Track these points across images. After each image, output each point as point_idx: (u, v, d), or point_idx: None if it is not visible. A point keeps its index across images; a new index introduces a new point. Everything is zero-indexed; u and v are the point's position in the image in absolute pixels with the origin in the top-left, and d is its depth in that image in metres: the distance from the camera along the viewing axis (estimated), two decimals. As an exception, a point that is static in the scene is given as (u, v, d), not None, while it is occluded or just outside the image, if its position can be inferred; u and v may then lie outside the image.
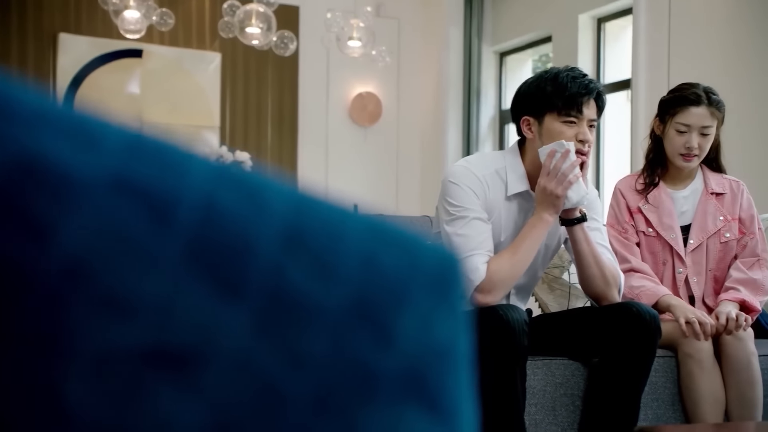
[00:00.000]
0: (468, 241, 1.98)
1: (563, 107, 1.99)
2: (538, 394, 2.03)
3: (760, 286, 2.31)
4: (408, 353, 0.37)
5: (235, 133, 6.08)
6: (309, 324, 0.34)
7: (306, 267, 0.35)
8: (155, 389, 0.30)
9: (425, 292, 0.38)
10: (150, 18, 4.44)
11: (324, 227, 0.36)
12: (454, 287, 0.39)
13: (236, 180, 0.35)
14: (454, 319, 0.39)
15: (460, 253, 1.97)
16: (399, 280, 0.37)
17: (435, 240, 0.46)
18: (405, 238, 0.39)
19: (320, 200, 0.37)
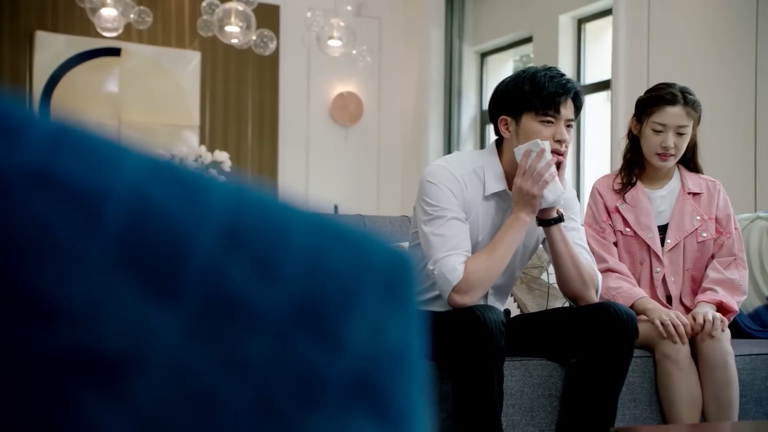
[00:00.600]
0: (445, 241, 1.96)
1: (541, 107, 1.99)
2: (516, 395, 2.02)
3: (737, 287, 2.32)
4: (357, 357, 0.35)
5: (215, 133, 6.04)
6: (249, 327, 0.32)
7: (246, 267, 0.33)
8: (78, 398, 0.28)
9: (376, 293, 0.36)
10: (128, 16, 4.39)
11: (267, 225, 0.34)
12: (406, 288, 0.37)
13: (172, 175, 0.33)
14: (407, 321, 0.38)
15: (438, 253, 1.97)
16: (347, 280, 0.35)
17: (388, 239, 0.44)
18: (354, 236, 0.37)
19: (264, 196, 0.35)
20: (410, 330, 0.38)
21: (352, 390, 0.35)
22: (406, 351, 0.37)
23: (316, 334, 0.34)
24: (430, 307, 2.09)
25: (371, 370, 0.36)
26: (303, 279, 0.34)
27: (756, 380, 2.27)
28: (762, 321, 2.67)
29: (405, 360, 0.37)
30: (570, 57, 5.43)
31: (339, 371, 0.34)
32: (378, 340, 0.36)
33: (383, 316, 0.37)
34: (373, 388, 0.35)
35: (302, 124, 6.32)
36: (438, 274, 1.95)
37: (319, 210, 0.37)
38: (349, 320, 0.35)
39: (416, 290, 0.39)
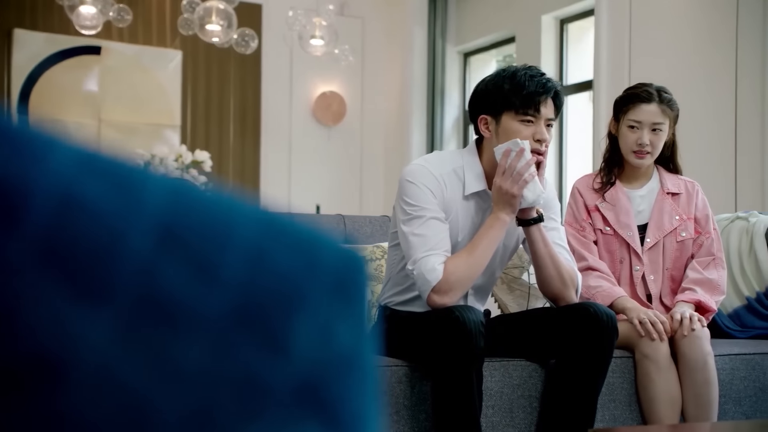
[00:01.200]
0: (425, 241, 1.95)
1: (521, 106, 1.97)
2: (495, 396, 2.01)
3: (716, 286, 2.32)
4: (304, 362, 0.33)
5: (197, 133, 6.00)
6: (185, 332, 0.30)
7: (183, 267, 0.31)
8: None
9: (325, 295, 0.34)
10: (107, 14, 4.34)
11: (207, 222, 0.32)
12: (357, 289, 0.35)
13: (104, 169, 0.31)
14: (357, 324, 0.36)
15: (417, 254, 1.95)
16: (293, 281, 0.34)
17: (339, 238, 0.42)
18: (302, 235, 0.35)
19: (204, 192, 0.33)
20: (361, 333, 0.36)
21: (298, 397, 0.33)
22: (357, 355, 0.35)
23: (259, 339, 0.32)
24: (409, 307, 2.08)
25: (319, 375, 0.34)
26: (245, 280, 0.32)
27: (735, 380, 2.27)
28: (741, 321, 2.68)
29: (355, 364, 0.35)
30: (552, 57, 5.43)
31: (284, 377, 0.33)
32: (326, 343, 0.34)
33: (332, 318, 0.35)
34: (321, 395, 0.33)
35: (285, 123, 6.29)
36: (417, 274, 1.93)
37: (265, 206, 0.35)
38: (294, 323, 0.33)
39: (367, 291, 0.37)
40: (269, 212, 0.34)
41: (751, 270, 2.75)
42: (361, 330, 0.36)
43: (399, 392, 1.93)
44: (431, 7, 6.28)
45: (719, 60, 4.14)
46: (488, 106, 2.02)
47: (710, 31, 4.20)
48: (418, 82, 6.30)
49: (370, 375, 0.36)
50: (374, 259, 2.52)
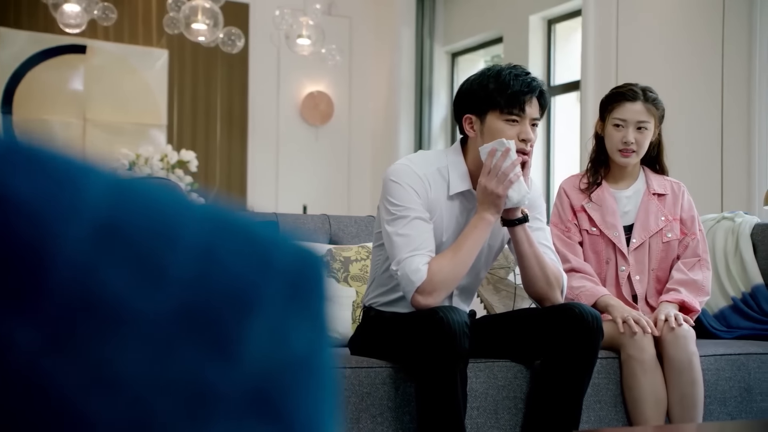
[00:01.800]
0: (409, 241, 1.93)
1: (505, 105, 1.96)
2: (480, 397, 2.00)
3: (701, 287, 2.32)
4: (255, 368, 0.31)
5: (183, 132, 5.96)
6: (125, 336, 0.29)
7: (125, 268, 0.29)
8: None
9: (278, 296, 0.33)
10: (91, 12, 4.30)
11: (152, 221, 0.31)
12: (313, 290, 0.34)
13: (39, 163, 0.29)
14: (314, 327, 0.34)
15: (401, 254, 1.94)
16: (245, 283, 0.32)
17: (297, 236, 0.41)
18: (256, 234, 0.33)
19: (151, 188, 0.31)
20: (317, 336, 0.34)
21: (248, 403, 0.31)
22: (313, 359, 0.34)
23: (206, 342, 0.31)
24: (394, 308, 2.06)
25: (271, 380, 0.32)
26: (193, 281, 0.31)
27: (720, 381, 2.26)
28: (727, 321, 2.68)
29: (311, 368, 0.34)
30: (540, 57, 5.43)
31: (233, 383, 0.31)
32: (280, 347, 0.32)
33: (286, 321, 0.33)
34: (273, 401, 0.32)
35: (272, 123, 6.26)
36: (401, 274, 1.92)
37: (217, 204, 0.33)
38: (246, 326, 0.32)
39: (325, 292, 0.35)
40: (220, 210, 0.33)
41: (736, 270, 2.75)
42: (318, 333, 0.34)
43: (383, 393, 1.91)
44: (419, 7, 6.27)
45: (706, 60, 4.15)
46: (473, 106, 2.01)
47: (697, 32, 4.21)
48: (405, 82, 6.29)
49: (327, 379, 0.34)
50: (359, 260, 2.51)
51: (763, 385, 2.32)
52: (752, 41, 3.90)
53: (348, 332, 2.34)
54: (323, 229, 2.61)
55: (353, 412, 1.88)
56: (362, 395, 1.89)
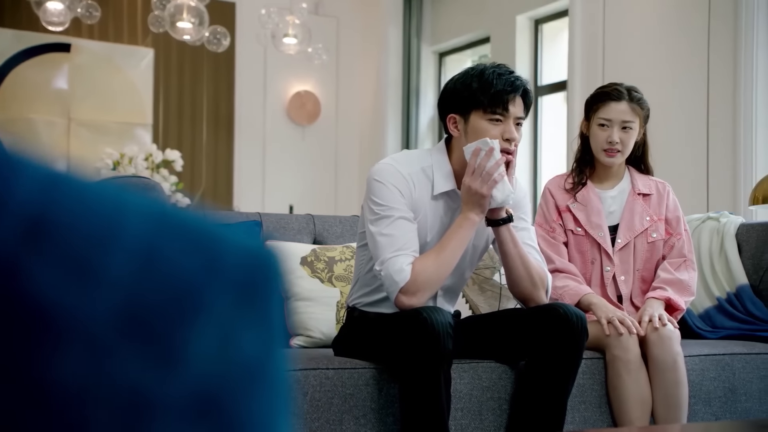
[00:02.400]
0: (393, 241, 1.91)
1: (489, 105, 1.95)
2: (464, 398, 1.98)
3: (686, 287, 2.32)
4: (200, 376, 0.30)
5: (169, 132, 5.92)
6: (54, 342, 0.27)
7: (57, 269, 0.27)
8: None
9: (227, 299, 0.31)
10: (74, 10, 4.26)
11: (88, 218, 0.29)
12: (266, 292, 0.32)
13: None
14: (266, 330, 0.32)
15: (385, 254, 1.92)
16: (190, 285, 0.30)
17: (250, 235, 0.39)
18: (203, 232, 0.31)
19: (86, 183, 0.29)
20: (269, 340, 0.32)
21: (192, 412, 0.29)
22: (264, 365, 0.32)
23: (146, 349, 0.29)
24: (378, 308, 2.04)
25: (218, 388, 0.30)
26: (132, 283, 0.29)
27: (705, 381, 2.26)
28: (712, 321, 2.68)
29: (262, 376, 0.32)
30: (527, 57, 5.43)
31: (176, 391, 0.29)
32: (228, 353, 0.31)
33: (235, 325, 0.31)
34: (220, 410, 0.30)
35: (258, 123, 6.23)
36: (385, 275, 1.90)
37: (160, 199, 0.31)
38: (190, 331, 0.30)
39: (279, 294, 0.33)
40: (165, 206, 0.31)
41: (721, 270, 2.75)
42: (270, 338, 0.33)
43: (366, 395, 1.90)
44: (406, 7, 6.26)
45: (692, 61, 4.16)
46: (457, 105, 2.00)
47: (683, 33, 4.22)
48: (393, 82, 6.28)
49: (279, 385, 0.32)
50: (344, 260, 2.49)
51: (748, 385, 2.32)
52: (737, 41, 3.91)
53: (332, 333, 2.32)
54: (308, 229, 2.59)
55: (336, 414, 1.86)
56: (345, 396, 1.88)
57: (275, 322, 0.33)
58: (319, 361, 1.89)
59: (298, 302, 2.39)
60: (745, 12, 3.88)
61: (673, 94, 4.19)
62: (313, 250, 2.48)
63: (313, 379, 1.85)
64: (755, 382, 2.33)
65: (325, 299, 2.41)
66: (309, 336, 2.37)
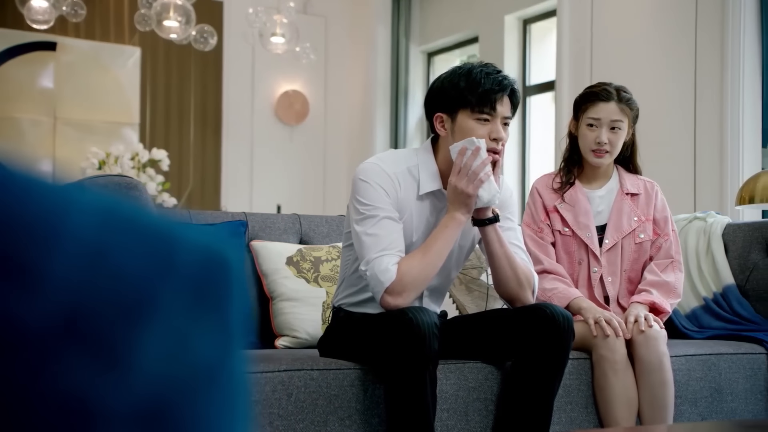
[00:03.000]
0: (378, 241, 1.90)
1: (476, 104, 1.93)
2: (450, 399, 1.97)
3: (672, 289, 2.31)
4: (151, 380, 0.28)
5: (156, 131, 5.89)
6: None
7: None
8: None
9: (180, 300, 0.29)
10: (60, 8, 4.22)
11: (29, 213, 0.27)
12: (223, 294, 0.31)
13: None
14: (223, 333, 0.31)
15: (370, 254, 1.91)
16: (141, 286, 0.29)
17: (205, 233, 0.37)
18: (155, 230, 0.30)
19: (27, 177, 0.28)
20: (226, 343, 0.31)
21: (142, 420, 0.28)
22: (219, 369, 0.30)
23: (93, 354, 0.27)
24: (363, 309, 2.03)
25: (170, 395, 0.29)
26: (78, 284, 0.27)
27: (691, 381, 2.26)
28: (698, 321, 2.68)
29: (218, 380, 0.30)
30: (515, 57, 5.43)
31: (124, 398, 0.27)
32: (181, 358, 0.29)
33: (189, 328, 0.30)
34: (171, 417, 0.28)
35: (246, 122, 6.20)
36: (370, 275, 1.89)
37: (111, 194, 0.30)
38: (140, 334, 0.28)
39: (239, 294, 0.32)
40: (114, 202, 0.29)
41: (708, 270, 2.75)
42: (227, 340, 0.31)
43: (351, 396, 1.88)
44: (395, 6, 6.25)
45: (679, 61, 4.16)
46: (444, 104, 1.98)
47: (670, 33, 4.22)
48: (381, 82, 6.27)
49: (236, 392, 0.31)
50: (330, 260, 2.47)
51: (734, 385, 2.32)
52: (724, 42, 3.92)
53: (318, 333, 2.31)
54: (294, 229, 2.57)
55: (321, 415, 1.84)
56: (330, 397, 1.86)
57: (233, 324, 0.32)
58: (303, 361, 1.88)
59: (284, 302, 2.37)
60: (732, 13, 3.89)
61: (661, 94, 4.20)
62: (299, 250, 2.46)
63: (297, 380, 1.83)
64: (741, 382, 2.33)
65: (311, 299, 2.39)
66: (294, 337, 2.35)
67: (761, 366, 2.37)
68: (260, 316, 2.41)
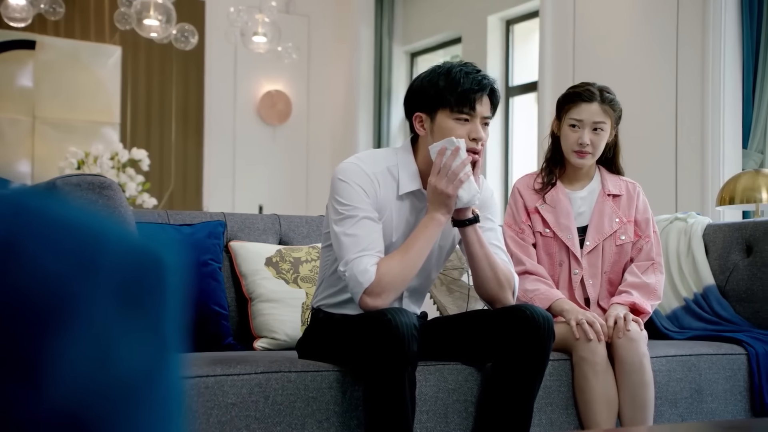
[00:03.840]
0: (357, 242, 1.88)
1: (456, 104, 1.92)
2: (430, 401, 1.95)
3: (653, 291, 2.30)
4: (70, 390, 0.26)
5: (137, 131, 5.84)
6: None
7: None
8: None
9: (106, 304, 0.27)
10: (38, 6, 4.17)
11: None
12: (153, 295, 0.28)
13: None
14: (154, 338, 0.29)
15: (349, 254, 1.88)
16: (61, 287, 0.26)
17: (136, 231, 0.35)
18: (78, 227, 0.28)
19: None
20: (158, 349, 0.29)
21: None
22: (151, 377, 0.28)
23: (3, 363, 0.25)
24: (342, 310, 2.01)
25: (95, 406, 0.26)
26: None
27: (671, 382, 2.25)
28: (679, 322, 2.68)
29: (148, 389, 0.28)
30: (498, 58, 5.43)
31: (39, 410, 0.25)
32: (105, 366, 0.27)
33: (116, 334, 0.28)
34: (93, 428, 0.26)
35: (228, 122, 6.16)
36: (349, 275, 1.86)
37: (28, 188, 0.28)
38: (57, 341, 0.26)
39: (174, 296, 0.30)
40: (28, 199, 0.27)
41: (689, 271, 2.75)
42: (159, 346, 0.29)
43: (330, 398, 1.86)
44: (378, 6, 6.23)
45: (661, 62, 4.17)
46: (423, 104, 1.97)
47: (652, 34, 4.23)
48: (364, 82, 6.25)
49: (170, 401, 0.28)
50: (310, 261, 2.45)
51: (714, 386, 2.32)
52: (705, 44, 3.94)
53: (297, 335, 2.29)
54: (273, 229, 2.55)
55: (298, 418, 1.82)
56: (308, 400, 1.84)
57: (167, 328, 0.29)
58: (281, 363, 1.85)
59: (263, 304, 2.35)
60: (713, 15, 3.90)
61: (643, 95, 4.20)
62: (278, 251, 2.43)
63: (274, 383, 1.81)
64: (721, 383, 2.33)
65: (291, 300, 2.37)
66: (273, 338, 2.33)
67: (741, 367, 2.37)
68: (239, 318, 2.38)
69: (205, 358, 1.86)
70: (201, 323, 2.23)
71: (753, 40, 3.80)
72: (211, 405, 1.73)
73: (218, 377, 1.74)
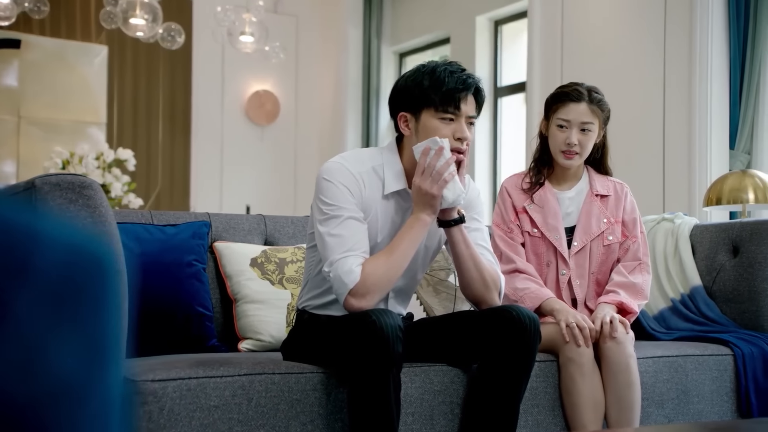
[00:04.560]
0: (342, 242, 1.86)
1: (440, 104, 1.90)
2: (416, 403, 1.94)
3: (640, 291, 2.30)
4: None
5: (123, 130, 5.80)
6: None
7: None
8: None
9: (35, 305, 0.26)
10: (22, 4, 4.12)
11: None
12: (90, 295, 0.27)
13: None
14: (89, 341, 0.27)
15: (334, 255, 1.87)
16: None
17: (76, 230, 0.33)
18: (10, 225, 0.26)
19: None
20: (94, 353, 0.27)
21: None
22: (84, 384, 0.26)
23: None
24: (327, 311, 1.99)
25: (19, 414, 0.25)
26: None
27: (658, 383, 2.25)
28: (666, 323, 2.67)
29: (82, 395, 0.26)
30: (487, 58, 5.42)
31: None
32: (34, 372, 0.25)
33: (45, 338, 0.26)
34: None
35: (216, 122, 6.13)
36: (334, 276, 1.85)
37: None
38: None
39: (112, 296, 0.28)
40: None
41: (676, 272, 2.75)
42: (94, 352, 0.27)
43: (314, 400, 1.84)
44: (366, 6, 6.22)
45: (648, 63, 4.18)
46: (408, 103, 1.95)
47: (640, 35, 4.23)
48: (353, 82, 6.23)
49: (106, 408, 0.27)
50: (295, 261, 2.43)
51: (700, 387, 2.31)
52: (693, 45, 3.94)
53: (282, 336, 2.27)
54: (258, 230, 2.52)
55: (282, 420, 1.80)
56: (292, 402, 1.82)
57: (104, 330, 0.28)
58: (265, 365, 1.83)
59: (247, 305, 2.33)
60: (700, 16, 3.91)
61: (630, 96, 4.21)
62: (263, 252, 2.41)
63: (258, 385, 1.79)
64: (707, 384, 2.32)
65: (276, 301, 2.35)
66: (258, 339, 2.31)
67: (727, 367, 2.37)
68: (224, 319, 2.36)
69: (188, 360, 1.84)
70: (185, 324, 2.21)
71: (740, 42, 3.81)
72: (193, 407, 1.70)
73: (200, 379, 1.72)
